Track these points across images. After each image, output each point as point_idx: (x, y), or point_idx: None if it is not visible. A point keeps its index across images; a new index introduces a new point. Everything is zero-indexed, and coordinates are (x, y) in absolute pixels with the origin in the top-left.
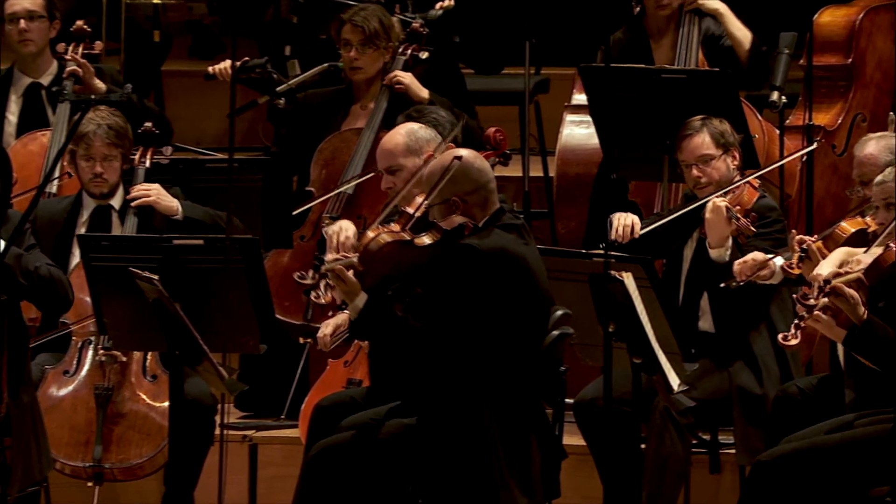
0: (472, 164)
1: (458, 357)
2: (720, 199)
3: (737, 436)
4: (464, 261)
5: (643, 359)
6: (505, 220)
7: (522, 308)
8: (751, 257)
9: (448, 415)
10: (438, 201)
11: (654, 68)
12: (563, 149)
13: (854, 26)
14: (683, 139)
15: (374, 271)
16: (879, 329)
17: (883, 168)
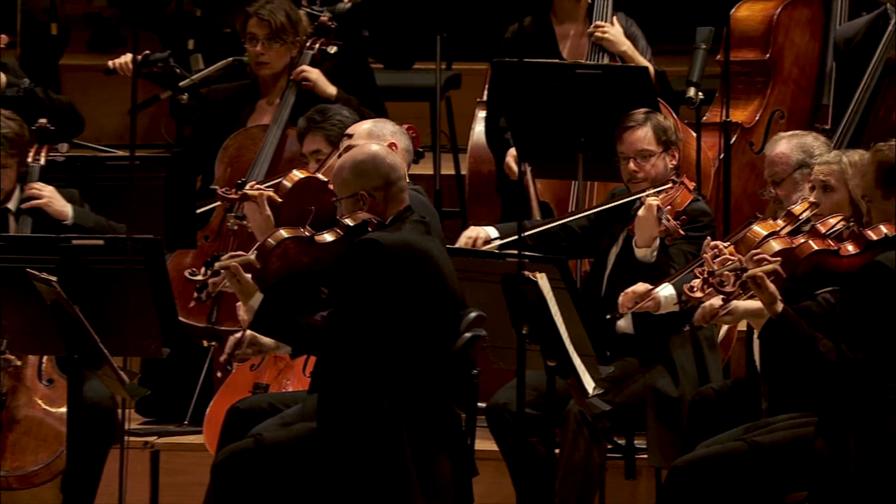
0: (382, 159)
1: (361, 356)
2: (653, 199)
3: (650, 438)
4: (367, 255)
5: (557, 362)
6: (412, 219)
7: (429, 305)
8: (633, 289)
9: (350, 417)
10: (346, 195)
11: (568, 63)
12: (475, 146)
13: (772, 21)
14: (625, 130)
15: (272, 269)
16: (795, 324)
17: (795, 167)
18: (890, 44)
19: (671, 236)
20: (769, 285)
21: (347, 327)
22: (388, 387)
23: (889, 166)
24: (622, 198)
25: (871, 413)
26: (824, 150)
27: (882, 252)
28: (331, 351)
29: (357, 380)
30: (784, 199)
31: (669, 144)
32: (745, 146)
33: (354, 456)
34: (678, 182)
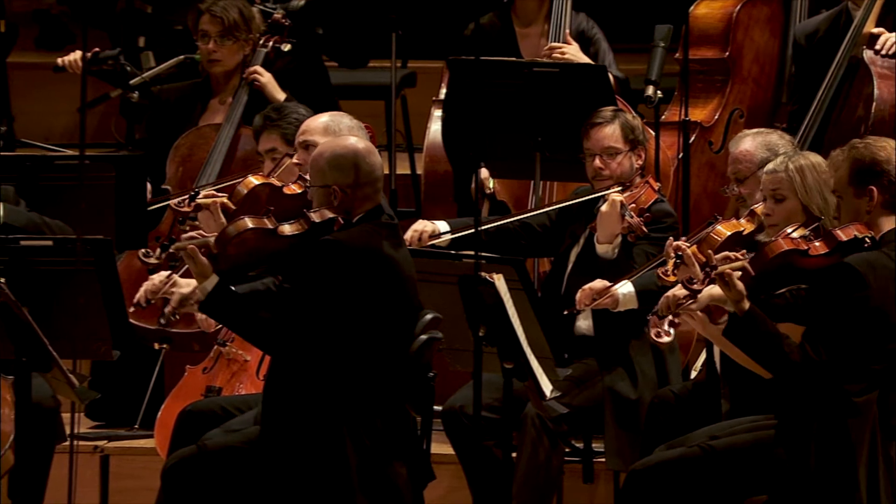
0: (363, 157)
1: (311, 357)
2: (617, 195)
3: (608, 441)
4: (329, 257)
5: (514, 364)
6: (381, 220)
7: (387, 311)
8: (591, 285)
9: (296, 421)
10: (318, 184)
11: (525, 61)
12: (431, 145)
13: (731, 19)
14: (593, 127)
15: (229, 255)
16: (761, 322)
17: (760, 165)
18: (853, 41)
19: (634, 233)
20: (737, 283)
21: (299, 326)
22: (338, 389)
23: (864, 164)
24: (583, 193)
25: (832, 415)
26: (790, 149)
27: (851, 253)
28: (278, 347)
29: (305, 381)
30: (747, 198)
31: (636, 144)
32: (705, 145)
33: (299, 461)
34: (643, 181)
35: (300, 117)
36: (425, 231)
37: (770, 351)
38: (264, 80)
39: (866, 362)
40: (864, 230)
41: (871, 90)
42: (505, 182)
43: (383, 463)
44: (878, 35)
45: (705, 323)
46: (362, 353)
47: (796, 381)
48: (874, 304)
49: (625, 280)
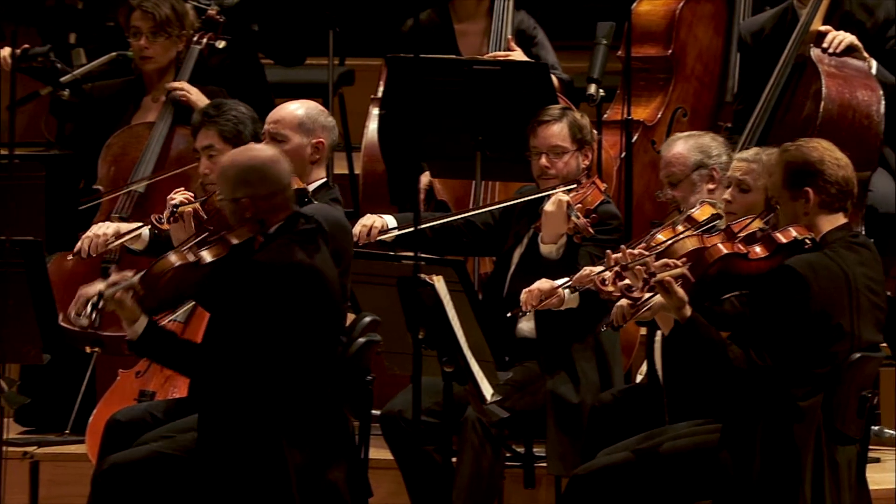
0: (271, 166)
1: (244, 378)
2: (564, 194)
3: (550, 446)
4: (253, 280)
5: (454, 367)
6: (300, 227)
7: (315, 320)
8: (537, 286)
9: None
10: (229, 198)
11: (465, 59)
12: (369, 144)
13: (674, 16)
14: (540, 125)
15: (156, 295)
16: (703, 329)
17: (693, 168)
18: (800, 39)
19: (580, 234)
20: (677, 289)
21: (230, 350)
22: (274, 398)
23: (797, 167)
24: (530, 195)
25: (777, 420)
26: (722, 151)
27: (791, 255)
28: (213, 374)
29: (239, 393)
30: (681, 201)
31: (584, 143)
32: (647, 145)
33: (237, 470)
34: (590, 181)
35: (239, 115)
36: (374, 226)
37: (713, 357)
38: (193, 98)
39: (810, 366)
40: (804, 232)
41: (818, 88)
42: (446, 182)
43: (321, 469)
44: (825, 33)
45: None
46: (295, 363)
47: (741, 387)
48: (817, 307)
49: (566, 279)
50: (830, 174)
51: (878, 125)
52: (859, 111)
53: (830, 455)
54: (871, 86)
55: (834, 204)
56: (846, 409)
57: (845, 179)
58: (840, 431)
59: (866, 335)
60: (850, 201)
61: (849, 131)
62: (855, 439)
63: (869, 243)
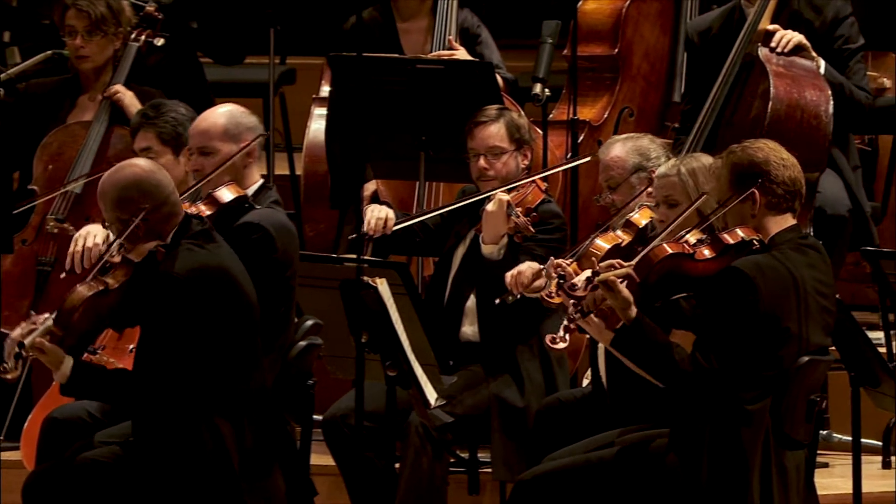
0: (146, 178)
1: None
2: (504, 194)
3: (495, 451)
4: (164, 292)
5: (398, 371)
6: (193, 229)
7: (234, 318)
8: (526, 266)
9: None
10: (116, 221)
11: (409, 58)
12: (311, 145)
13: (620, 15)
14: (477, 126)
15: (74, 331)
16: (649, 330)
17: (632, 171)
18: (748, 38)
19: (521, 233)
20: (622, 289)
21: (159, 365)
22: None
23: (743, 168)
24: (472, 196)
25: (725, 424)
26: (661, 154)
27: (738, 257)
28: (146, 393)
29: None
30: (620, 205)
31: (522, 143)
32: (594, 145)
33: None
34: (530, 181)
35: (178, 116)
36: (389, 217)
37: (659, 360)
38: (126, 101)
39: (758, 369)
40: (752, 233)
41: (766, 88)
42: (389, 183)
43: (261, 475)
44: (773, 32)
45: (601, 329)
46: (224, 364)
47: (687, 391)
48: (764, 309)
49: None
50: (776, 175)
51: (827, 125)
52: (808, 111)
53: (778, 460)
54: (820, 86)
55: (781, 205)
56: (794, 413)
57: (792, 179)
58: (788, 436)
59: (815, 339)
60: (798, 202)
61: (797, 132)
62: (803, 444)
63: (818, 245)
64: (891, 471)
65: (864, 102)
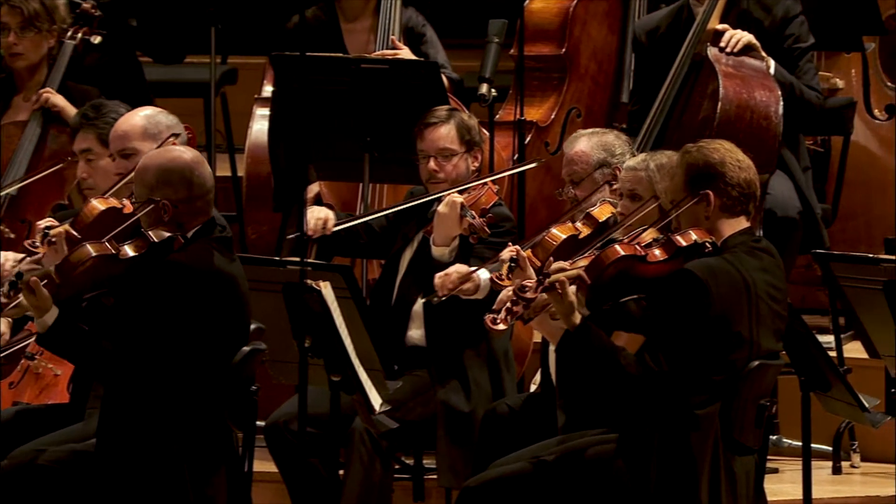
0: (192, 169)
1: (151, 380)
2: (457, 196)
3: (440, 457)
4: (171, 278)
5: (342, 377)
6: (216, 234)
7: (226, 330)
8: (454, 269)
9: (133, 439)
10: (146, 200)
11: (353, 57)
12: (253, 146)
13: (567, 14)
14: (427, 127)
15: (71, 284)
16: (594, 336)
17: (596, 166)
18: (696, 37)
19: (476, 234)
20: (569, 293)
21: (139, 350)
22: (177, 408)
23: (697, 169)
24: (419, 196)
25: (673, 429)
26: (626, 150)
27: (690, 259)
28: (118, 377)
29: (143, 399)
30: (582, 200)
31: (472, 145)
32: (541, 146)
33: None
34: (482, 184)
35: (119, 117)
36: (329, 218)
37: (605, 365)
38: (60, 105)
39: (708, 373)
40: (705, 235)
41: (715, 88)
42: (332, 185)
43: (202, 482)
44: (722, 31)
45: (543, 321)
46: (204, 372)
47: (635, 395)
48: (716, 312)
49: (482, 267)
50: (732, 176)
51: (777, 126)
52: (757, 112)
53: (728, 465)
54: (770, 86)
55: (736, 207)
56: (744, 418)
57: (747, 182)
58: (737, 441)
59: (765, 343)
60: (752, 204)
61: (747, 133)
62: (753, 449)
63: (771, 249)
64: (841, 476)
65: (815, 102)
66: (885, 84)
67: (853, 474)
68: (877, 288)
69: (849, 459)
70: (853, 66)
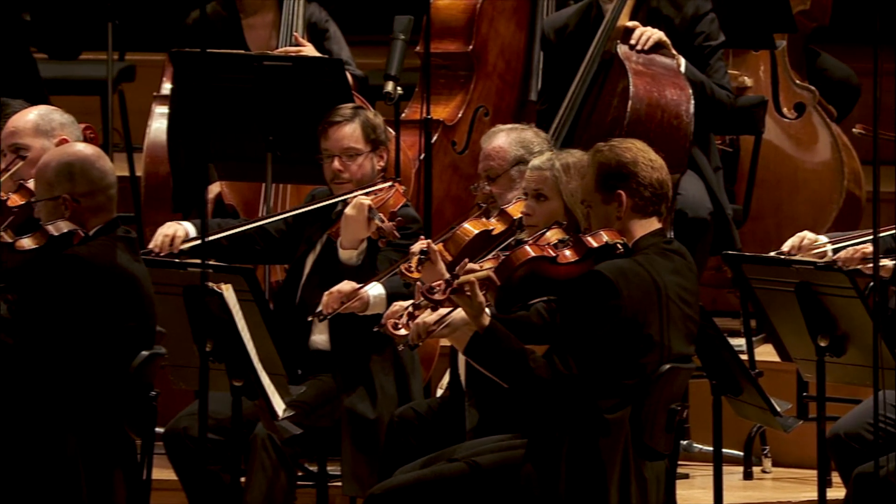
0: (93, 163)
1: (44, 374)
2: (365, 198)
3: (345, 464)
4: (68, 272)
5: (244, 382)
6: (119, 233)
7: (129, 332)
8: (338, 288)
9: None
10: (46, 196)
11: (255, 54)
12: (151, 145)
13: (475, 10)
14: (331, 126)
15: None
16: (503, 337)
17: (513, 163)
18: (606, 35)
19: (385, 238)
20: (478, 294)
21: (38, 347)
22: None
23: (609, 168)
24: (323, 198)
25: (583, 434)
26: (544, 147)
27: (601, 260)
28: (16, 372)
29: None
30: (498, 198)
31: (378, 144)
32: (448, 146)
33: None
34: (390, 184)
35: (14, 113)
36: (178, 235)
37: (514, 368)
38: None
39: (618, 376)
40: (616, 236)
41: (626, 87)
42: (233, 185)
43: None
44: (632, 29)
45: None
46: (101, 375)
47: (544, 399)
48: (626, 314)
49: (373, 282)
50: (644, 176)
51: (688, 125)
52: (668, 111)
53: (638, 471)
54: (681, 84)
55: (648, 208)
56: (654, 422)
57: (660, 182)
58: (648, 446)
59: (676, 346)
60: (664, 205)
61: (657, 132)
62: (663, 454)
63: (683, 251)
64: (752, 482)
65: (726, 101)
66: (795, 82)
67: (764, 479)
68: (788, 290)
69: (760, 464)
70: (762, 64)
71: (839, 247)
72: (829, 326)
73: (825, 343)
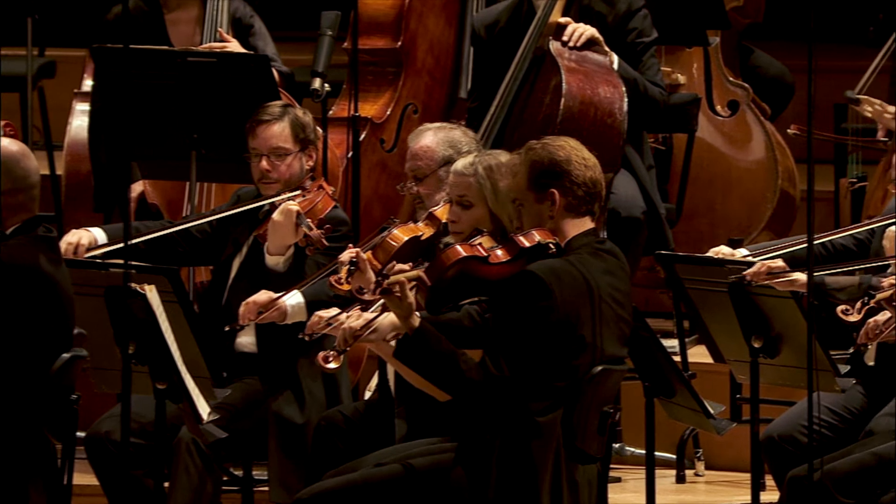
0: (18, 160)
1: None
2: (293, 204)
3: (271, 469)
4: None
5: (168, 384)
6: (38, 232)
7: (49, 335)
8: (254, 299)
9: None
10: None
11: (178, 50)
12: (72, 143)
13: (403, 6)
14: (259, 124)
15: None
16: (433, 339)
17: (441, 163)
18: (538, 31)
19: (313, 246)
20: (408, 295)
21: None
22: None
23: (542, 166)
24: (250, 200)
25: (514, 437)
26: (473, 147)
27: (534, 260)
28: None
29: None
30: (426, 198)
31: (307, 143)
32: (376, 143)
33: None
34: (318, 186)
35: None
36: (81, 244)
37: (445, 369)
38: None
39: (550, 378)
40: (548, 236)
41: (558, 83)
42: (157, 184)
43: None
44: (565, 25)
45: (379, 343)
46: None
47: (475, 400)
48: (558, 315)
49: (294, 290)
50: (577, 175)
51: (622, 124)
52: (601, 109)
53: (570, 474)
54: (614, 82)
55: (581, 207)
56: (587, 425)
57: (593, 181)
58: (580, 449)
59: (609, 348)
60: (597, 204)
61: (591, 130)
62: (596, 458)
63: (616, 251)
64: (685, 485)
65: (659, 99)
66: (728, 80)
67: (697, 482)
68: (722, 290)
69: (693, 467)
70: (695, 61)
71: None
72: (762, 327)
73: (759, 344)
